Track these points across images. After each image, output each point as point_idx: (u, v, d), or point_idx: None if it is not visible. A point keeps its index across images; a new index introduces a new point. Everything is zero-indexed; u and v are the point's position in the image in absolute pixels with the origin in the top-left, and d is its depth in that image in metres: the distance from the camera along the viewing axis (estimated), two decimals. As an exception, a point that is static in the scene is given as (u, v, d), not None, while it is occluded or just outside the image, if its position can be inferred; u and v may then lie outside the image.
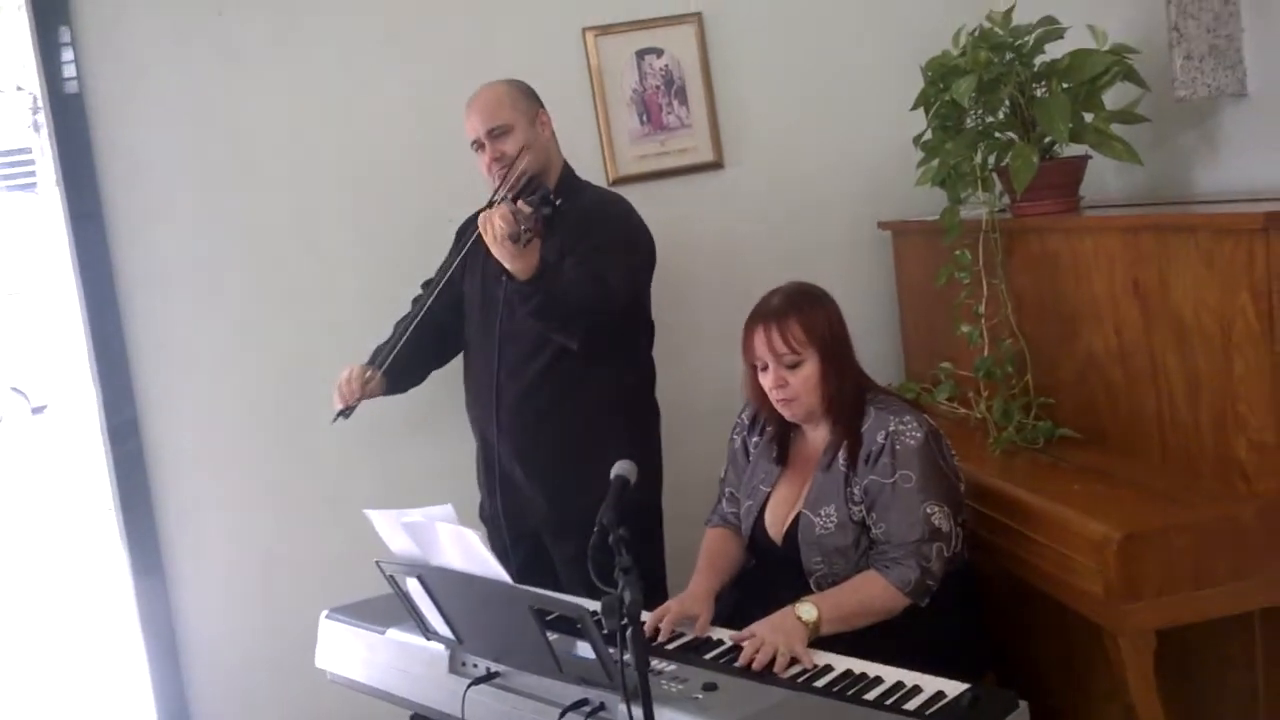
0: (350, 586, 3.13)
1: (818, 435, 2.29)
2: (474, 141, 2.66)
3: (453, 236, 2.89)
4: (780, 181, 3.40)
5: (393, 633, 2.22)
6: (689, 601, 2.17)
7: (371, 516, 2.01)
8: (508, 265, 2.30)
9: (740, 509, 2.38)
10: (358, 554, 3.12)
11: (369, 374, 2.64)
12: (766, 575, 2.29)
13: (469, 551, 1.75)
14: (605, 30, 3.30)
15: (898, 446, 2.13)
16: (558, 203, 2.36)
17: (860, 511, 2.15)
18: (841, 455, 2.20)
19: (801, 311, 2.22)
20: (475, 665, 2.03)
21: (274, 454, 3.19)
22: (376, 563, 2.02)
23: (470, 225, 2.78)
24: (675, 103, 3.37)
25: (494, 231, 2.25)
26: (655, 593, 2.67)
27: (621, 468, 2.12)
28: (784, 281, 3.07)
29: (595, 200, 2.69)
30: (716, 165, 3.38)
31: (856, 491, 2.15)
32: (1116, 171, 2.88)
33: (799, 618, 2.00)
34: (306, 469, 3.21)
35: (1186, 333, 2.08)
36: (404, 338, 2.63)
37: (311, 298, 3.19)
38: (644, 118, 3.36)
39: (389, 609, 2.34)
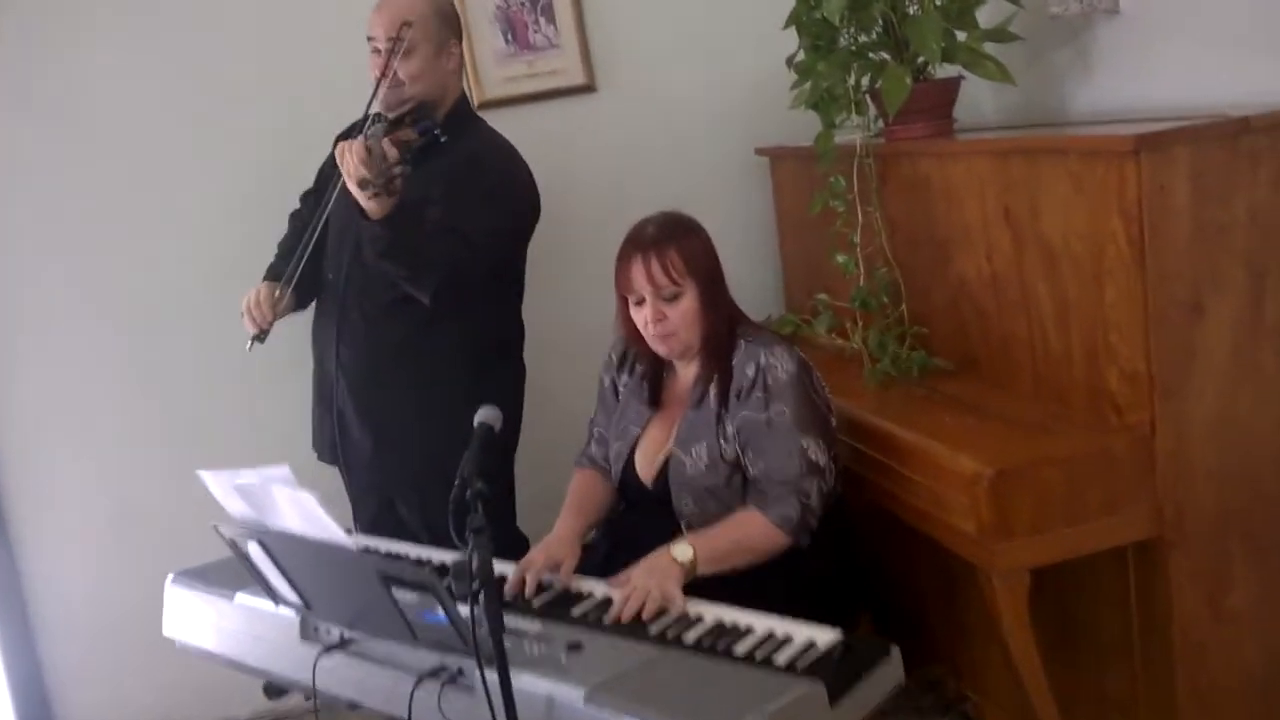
0: (211, 543, 3.00)
1: (689, 372, 2.20)
2: (370, 39, 2.44)
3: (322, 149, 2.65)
4: (655, 105, 3.27)
5: (241, 598, 2.08)
6: (554, 546, 2.08)
7: (205, 478, 1.86)
8: (362, 202, 2.14)
9: (610, 451, 2.28)
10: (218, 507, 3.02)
11: (278, 292, 2.43)
12: (637, 520, 2.21)
13: (308, 515, 1.62)
14: (463, -59, 3.09)
15: (769, 380, 2.05)
16: (442, 139, 2.19)
17: (732, 450, 2.07)
18: (712, 391, 2.12)
19: (679, 240, 2.11)
20: (327, 631, 1.91)
21: (124, 399, 3.02)
22: (214, 526, 1.88)
23: (349, 134, 2.60)
24: (542, 20, 3.19)
25: (349, 167, 2.10)
26: (514, 549, 2.57)
27: (485, 414, 2.00)
28: (658, 210, 3.01)
29: (482, 146, 2.48)
30: (588, 88, 3.23)
31: (729, 428, 2.07)
32: (992, 92, 2.81)
33: (674, 558, 1.93)
34: (160, 415, 3.03)
35: (1056, 259, 2.03)
36: (307, 250, 2.38)
37: (159, 231, 2.99)
38: (509, 36, 3.18)
39: (239, 572, 2.19)
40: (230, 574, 2.20)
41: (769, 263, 3.35)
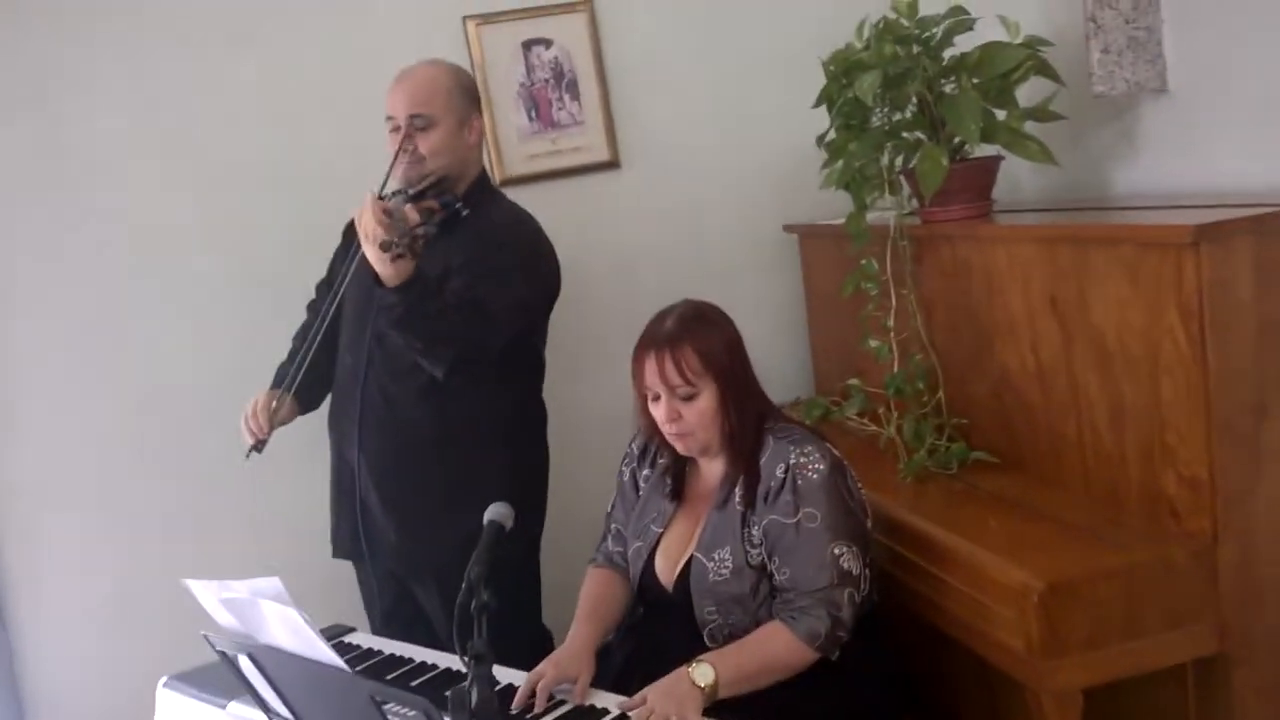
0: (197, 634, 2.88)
1: (714, 469, 2.07)
2: (389, 118, 2.36)
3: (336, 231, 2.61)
4: (680, 182, 3.20)
5: (235, 708, 1.96)
6: (566, 661, 1.94)
7: (193, 587, 1.74)
8: (378, 268, 2.05)
9: (628, 550, 2.15)
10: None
11: (275, 401, 2.35)
12: (657, 626, 2.06)
13: (297, 632, 1.50)
14: (488, 19, 3.05)
15: (799, 482, 1.92)
16: (464, 212, 2.13)
17: (759, 555, 1.93)
18: (738, 492, 1.98)
19: (696, 337, 1.97)
20: (324, 749, 1.77)
21: (126, 483, 2.91)
22: (204, 636, 1.76)
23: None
24: (566, 98, 3.13)
25: (367, 229, 2.01)
26: (538, 645, 2.44)
27: (495, 512, 1.89)
28: (685, 290, 2.88)
29: (503, 218, 2.39)
30: (612, 165, 3.16)
31: (755, 532, 1.94)
32: (1031, 172, 2.70)
33: (694, 682, 1.78)
34: (162, 504, 2.93)
35: (1109, 354, 1.89)
36: (308, 354, 2.32)
37: (168, 313, 2.92)
38: (533, 114, 3.12)
39: (229, 675, 2.07)
40: (224, 680, 2.07)
41: (798, 343, 3.24)
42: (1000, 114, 2.33)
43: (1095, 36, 2.27)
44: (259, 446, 2.34)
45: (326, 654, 1.48)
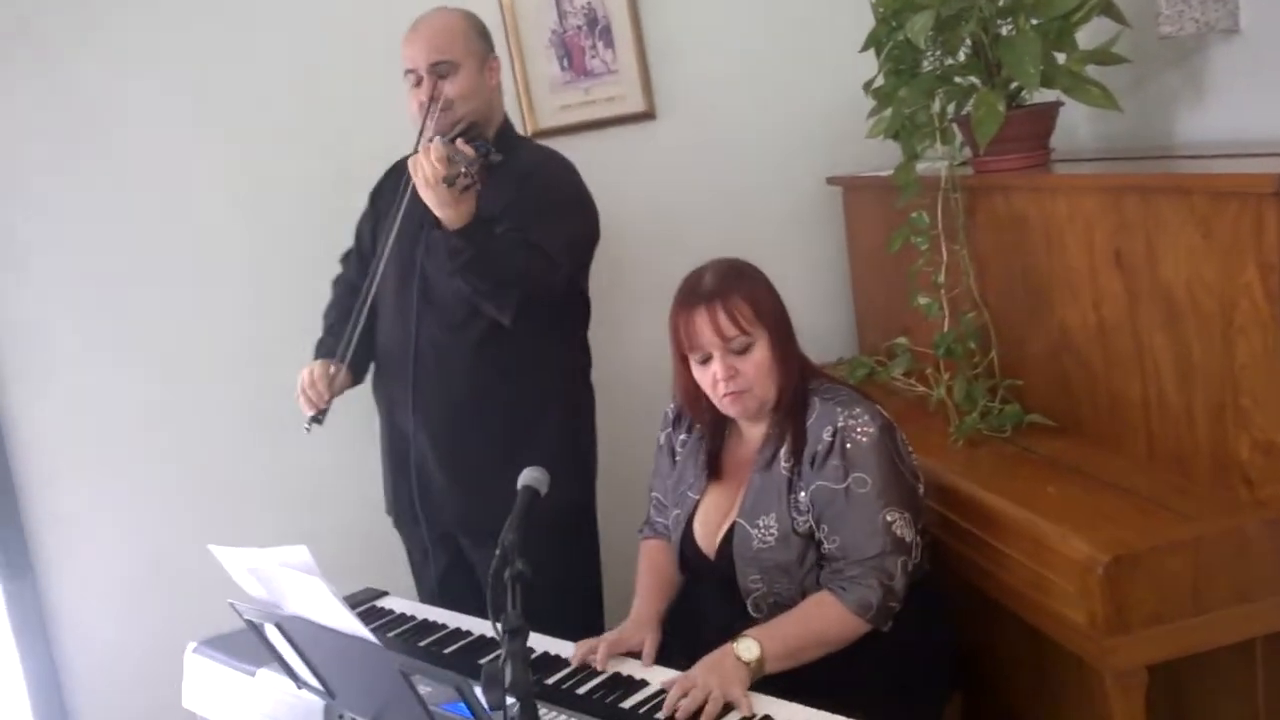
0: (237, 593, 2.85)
1: (755, 433, 1.98)
2: (409, 71, 2.29)
3: (353, 196, 2.55)
4: (719, 133, 3.08)
5: (264, 674, 1.91)
6: (630, 629, 1.88)
7: (218, 554, 1.69)
8: (438, 212, 2.00)
9: (668, 518, 2.08)
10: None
11: (333, 370, 2.28)
12: (699, 595, 1.99)
13: (323, 603, 1.44)
14: (520, -40, 2.93)
15: (848, 445, 1.82)
16: (496, 157, 2.04)
17: (806, 522, 1.84)
18: (783, 454, 1.89)
19: (743, 288, 1.90)
20: None
21: (155, 450, 2.86)
22: (231, 604, 1.70)
23: (387, 183, 2.45)
24: (600, 45, 3.01)
25: (426, 172, 1.94)
26: (591, 606, 2.38)
27: (530, 476, 1.81)
28: (723, 247, 2.77)
29: (536, 159, 2.33)
30: (648, 115, 3.04)
31: (802, 498, 1.85)
32: (1090, 118, 2.57)
33: (739, 657, 1.71)
34: (191, 468, 2.88)
35: (1179, 312, 1.78)
36: (359, 322, 2.26)
37: (194, 286, 2.85)
38: (565, 62, 3.01)
39: (258, 642, 2.03)
40: (254, 647, 2.02)
41: (840, 301, 3.13)
42: (1060, 57, 2.20)
43: (1164, -27, 2.14)
44: (320, 417, 2.26)
45: (354, 625, 1.42)
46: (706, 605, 1.95)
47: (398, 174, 2.44)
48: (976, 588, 1.92)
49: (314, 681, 1.68)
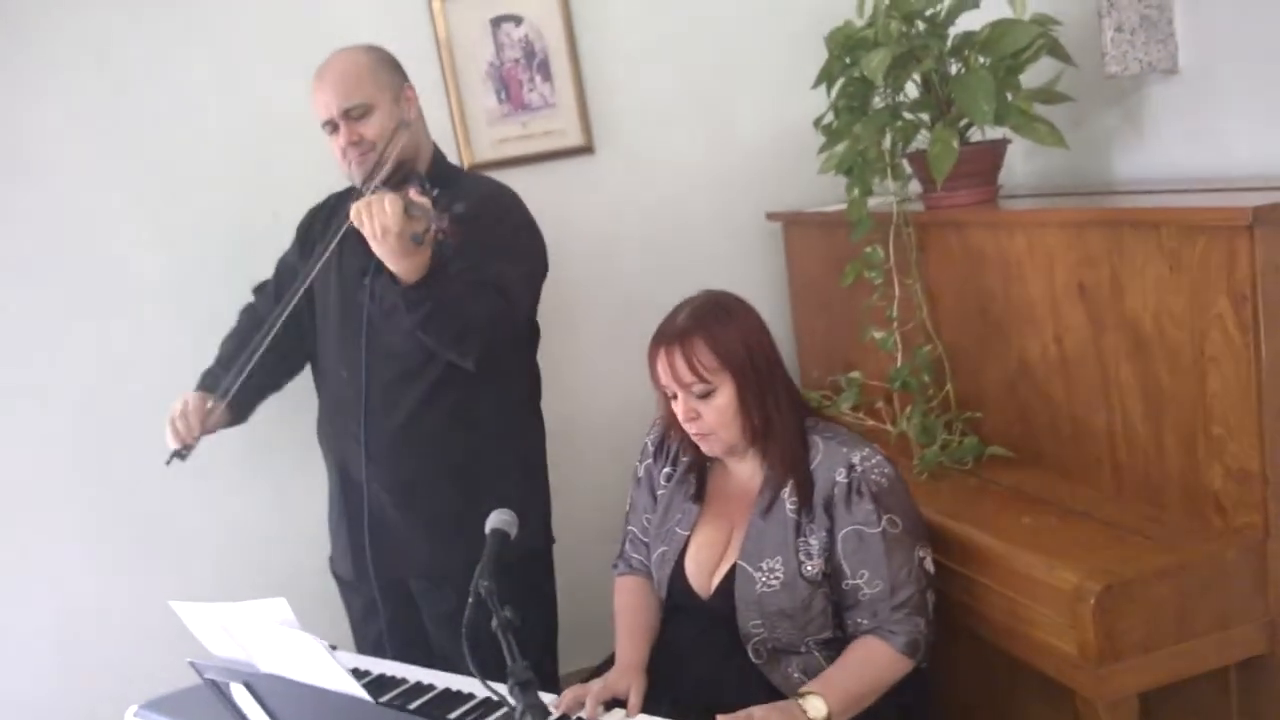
0: (168, 664, 2.69)
1: (744, 469, 1.94)
2: (326, 122, 2.19)
3: (282, 232, 2.46)
4: (657, 167, 3.07)
5: (218, 737, 1.78)
6: (615, 677, 1.82)
7: (180, 611, 1.58)
8: (392, 265, 1.87)
9: (651, 554, 2.02)
10: (156, 611, 2.70)
11: (209, 405, 2.18)
12: (688, 634, 1.92)
13: (310, 660, 1.35)
14: (455, -6, 2.88)
15: (874, 489, 1.79)
16: (434, 192, 1.91)
17: (816, 566, 1.80)
18: (788, 498, 1.84)
19: (709, 331, 1.84)
20: (323, 782, 1.62)
21: (77, 492, 2.71)
22: (191, 663, 1.59)
23: (317, 220, 2.36)
24: (538, 78, 2.98)
25: (379, 224, 1.80)
26: (547, 652, 2.32)
27: (499, 519, 1.76)
28: (663, 280, 2.72)
29: (482, 192, 2.24)
30: (586, 149, 3.02)
31: (813, 543, 1.81)
32: (1026, 155, 2.64)
33: (807, 715, 1.68)
34: (117, 509, 2.72)
35: (1145, 342, 1.82)
36: (253, 359, 2.15)
37: (105, 304, 2.70)
38: (502, 95, 2.96)
39: (209, 703, 1.90)
40: (202, 706, 1.91)
41: (780, 336, 3.04)
42: (1008, 95, 2.25)
43: (1109, 14, 2.20)
44: (184, 453, 2.17)
45: (347, 683, 1.33)
46: (690, 645, 1.89)
47: (327, 212, 2.36)
48: (952, 619, 1.91)
49: (284, 743, 1.57)
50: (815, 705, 1.68)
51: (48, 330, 2.67)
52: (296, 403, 2.47)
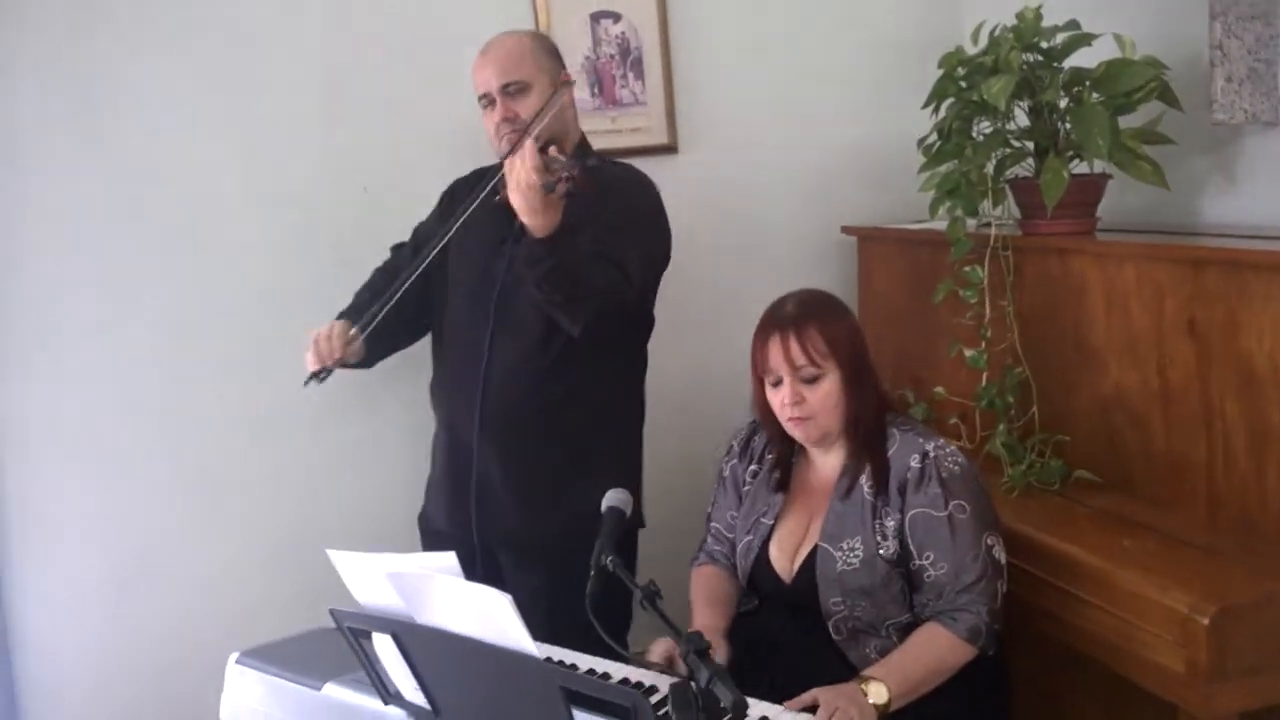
0: (234, 608, 2.71)
1: (829, 460, 2.03)
2: (483, 96, 2.29)
3: (370, 204, 2.63)
4: (737, 172, 3.12)
5: (332, 689, 1.81)
6: None
7: (336, 559, 1.61)
8: (526, 218, 1.96)
9: (736, 545, 2.08)
10: (234, 568, 2.74)
11: (352, 333, 2.22)
12: (772, 620, 1.99)
13: (488, 617, 1.38)
14: (558, -14, 2.93)
15: (944, 474, 1.89)
16: (594, 162, 2.04)
17: (893, 547, 1.89)
18: (865, 482, 1.94)
19: (823, 320, 1.96)
20: (447, 739, 1.65)
21: (145, 440, 2.71)
22: (332, 611, 1.63)
23: (460, 190, 2.42)
24: (630, 75, 3.03)
25: (521, 175, 1.91)
26: (623, 626, 2.34)
27: (615, 498, 1.81)
28: (732, 282, 2.88)
29: (618, 174, 2.33)
30: (670, 149, 3.06)
31: (888, 524, 1.90)
32: (1116, 192, 2.71)
33: (870, 700, 1.73)
34: (180, 462, 2.74)
35: (1258, 381, 1.88)
36: (394, 298, 2.20)
37: (193, 268, 2.72)
38: (595, 89, 3.01)
39: (316, 655, 1.93)
40: (305, 658, 1.94)
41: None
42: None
43: (1221, 64, 2.28)
44: (322, 375, 2.21)
45: (519, 640, 1.37)
46: (779, 632, 1.96)
47: (472, 181, 2.42)
48: (1047, 634, 1.97)
49: (418, 698, 1.61)
50: (877, 690, 1.75)
51: (137, 278, 2.68)
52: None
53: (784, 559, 1.99)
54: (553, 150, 2.00)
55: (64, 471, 2.65)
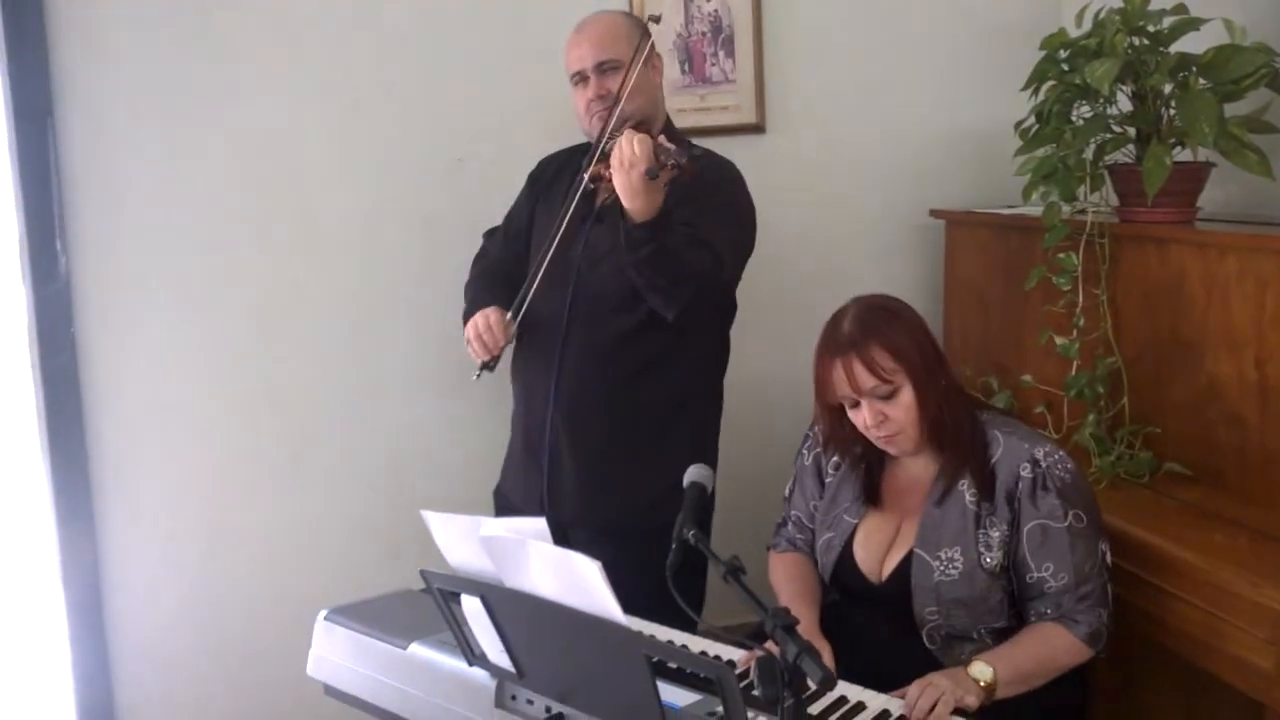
0: (313, 567, 2.79)
1: (917, 462, 1.98)
2: (576, 73, 2.31)
3: (461, 178, 2.67)
4: (824, 154, 3.11)
5: (417, 649, 1.86)
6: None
7: (430, 520, 1.65)
8: (626, 202, 1.97)
9: (816, 539, 2.07)
10: (320, 528, 2.81)
11: (507, 319, 2.26)
12: (864, 618, 1.97)
13: (577, 583, 1.40)
14: (653, -38, 2.93)
15: (1059, 484, 1.83)
16: (698, 151, 2.02)
17: (995, 558, 1.84)
18: (966, 490, 1.88)
19: (881, 333, 1.87)
20: (530, 702, 1.69)
21: (230, 405, 2.79)
22: (423, 573, 1.67)
23: (548, 170, 2.46)
24: (721, 54, 3.03)
25: (628, 156, 1.92)
26: (693, 609, 2.36)
27: (698, 473, 1.82)
28: (816, 265, 2.90)
29: (705, 162, 2.29)
30: (757, 128, 3.06)
31: (994, 535, 1.85)
32: (1218, 181, 2.64)
33: (973, 678, 1.73)
34: (269, 424, 2.82)
35: (1364, 378, 1.84)
36: (536, 281, 2.22)
37: (286, 232, 2.79)
38: (686, 66, 3.01)
39: (401, 615, 1.99)
40: (390, 617, 1.99)
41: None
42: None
43: (1334, 51, 2.21)
44: (491, 364, 2.25)
45: (606, 607, 1.39)
46: (867, 628, 1.94)
47: (559, 163, 2.44)
48: (1135, 627, 1.95)
49: (503, 660, 1.64)
50: (980, 668, 1.74)
51: (231, 250, 2.76)
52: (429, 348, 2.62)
53: (871, 561, 1.97)
54: (662, 138, 1.99)
55: (157, 429, 2.75)
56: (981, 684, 1.71)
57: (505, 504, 2.46)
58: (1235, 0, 2.41)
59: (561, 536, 2.31)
